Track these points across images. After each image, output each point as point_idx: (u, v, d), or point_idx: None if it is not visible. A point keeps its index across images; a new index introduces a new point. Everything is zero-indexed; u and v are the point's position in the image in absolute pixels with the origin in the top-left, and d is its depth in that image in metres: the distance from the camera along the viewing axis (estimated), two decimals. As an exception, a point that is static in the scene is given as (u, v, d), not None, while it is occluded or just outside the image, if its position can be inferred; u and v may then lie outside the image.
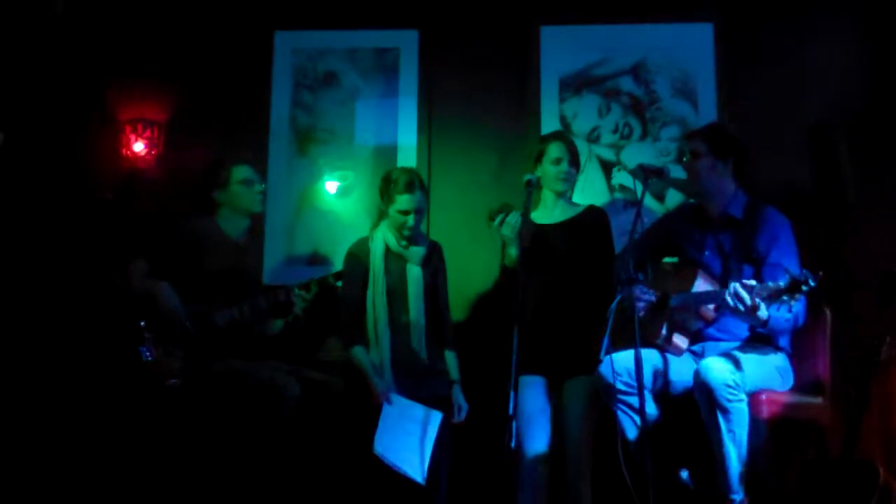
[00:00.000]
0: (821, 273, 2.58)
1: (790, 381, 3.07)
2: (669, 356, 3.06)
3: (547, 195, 3.45)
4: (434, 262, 3.48)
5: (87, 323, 3.83)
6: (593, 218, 3.44)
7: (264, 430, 3.21)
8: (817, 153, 3.85)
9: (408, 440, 3.19)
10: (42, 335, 3.86)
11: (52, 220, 4.02)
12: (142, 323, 3.26)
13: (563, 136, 3.54)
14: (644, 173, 3.07)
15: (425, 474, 3.16)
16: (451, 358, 3.43)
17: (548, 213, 3.45)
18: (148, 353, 3.24)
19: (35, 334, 3.86)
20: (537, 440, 3.23)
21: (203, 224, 3.52)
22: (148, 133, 4.05)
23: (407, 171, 3.45)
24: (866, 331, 2.97)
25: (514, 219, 3.21)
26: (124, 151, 4.05)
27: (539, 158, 3.43)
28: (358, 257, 3.44)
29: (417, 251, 3.44)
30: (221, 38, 4.18)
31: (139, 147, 4.03)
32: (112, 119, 4.11)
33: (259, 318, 3.47)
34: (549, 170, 3.40)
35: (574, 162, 3.45)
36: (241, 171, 3.55)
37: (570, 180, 3.46)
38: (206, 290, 3.38)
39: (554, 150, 3.40)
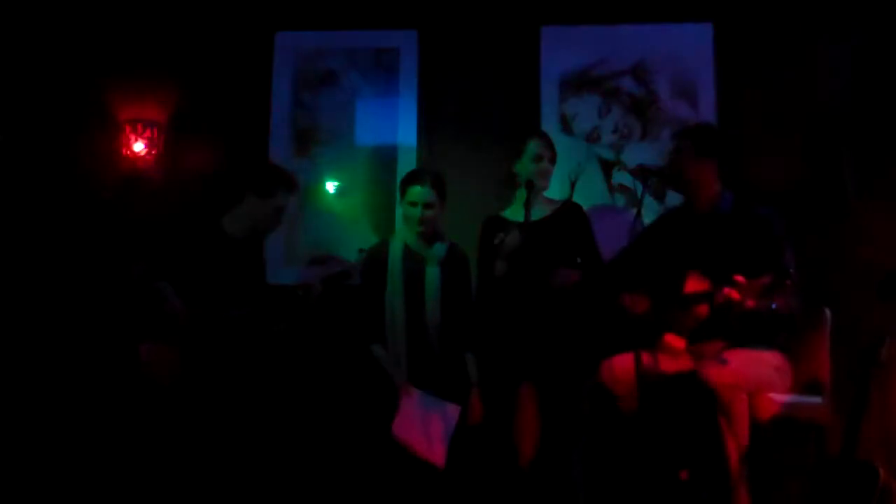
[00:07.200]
0: (792, 269, 2.66)
1: (788, 380, 3.06)
2: (665, 358, 3.06)
3: (524, 192, 3.41)
4: (455, 264, 3.47)
5: (87, 323, 3.83)
6: (571, 215, 3.44)
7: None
8: (817, 153, 3.85)
9: (426, 425, 3.21)
10: (42, 335, 3.87)
11: (52, 220, 4.02)
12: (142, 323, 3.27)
13: (540, 132, 3.54)
14: (644, 173, 3.08)
15: (445, 457, 3.18)
16: (469, 360, 3.40)
17: (524, 210, 3.43)
18: (147, 353, 3.25)
19: (35, 334, 3.86)
20: (531, 443, 3.22)
21: (205, 225, 3.52)
22: (148, 133, 4.06)
23: (423, 168, 3.61)
24: (866, 331, 2.97)
25: (514, 240, 3.21)
26: (124, 151, 4.05)
27: (518, 155, 3.43)
28: (376, 257, 3.45)
29: (436, 252, 3.43)
30: (222, 39, 4.18)
31: (139, 147, 4.04)
32: (112, 119, 4.11)
33: (262, 318, 3.48)
34: (530, 167, 3.40)
35: (552, 159, 3.45)
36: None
37: (548, 177, 3.47)
38: (209, 292, 3.37)
39: (533, 147, 3.41)
